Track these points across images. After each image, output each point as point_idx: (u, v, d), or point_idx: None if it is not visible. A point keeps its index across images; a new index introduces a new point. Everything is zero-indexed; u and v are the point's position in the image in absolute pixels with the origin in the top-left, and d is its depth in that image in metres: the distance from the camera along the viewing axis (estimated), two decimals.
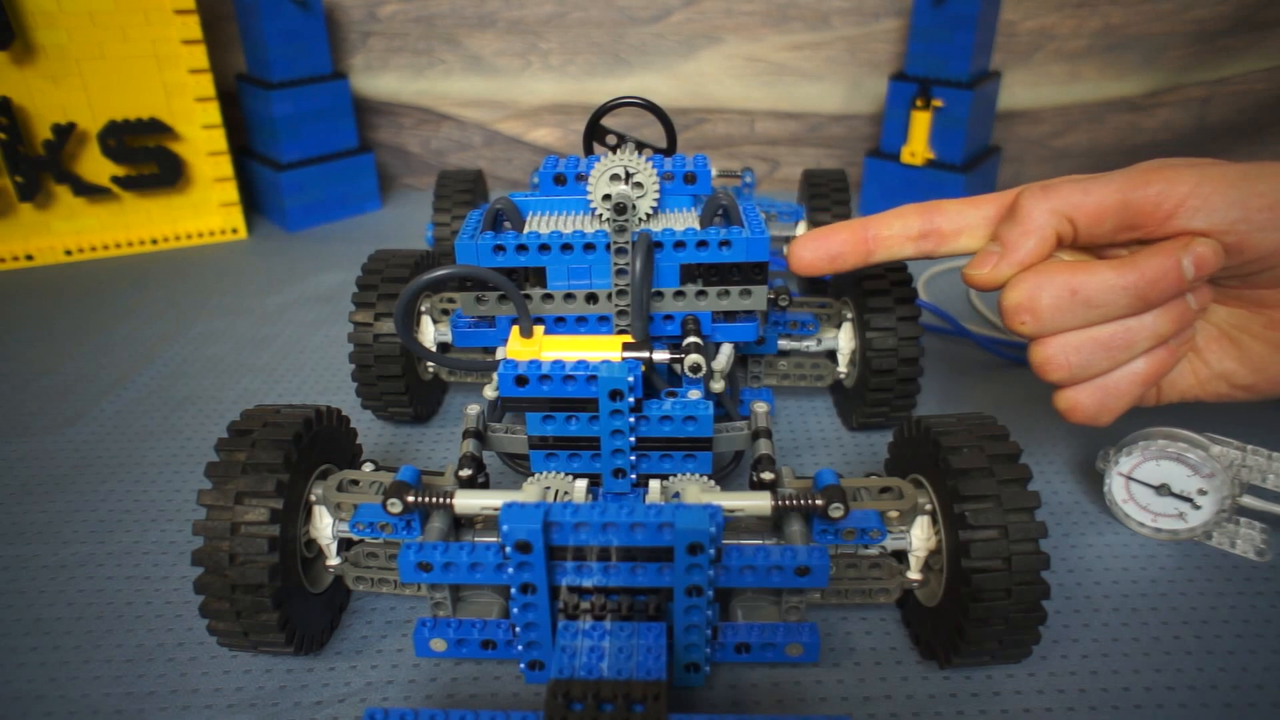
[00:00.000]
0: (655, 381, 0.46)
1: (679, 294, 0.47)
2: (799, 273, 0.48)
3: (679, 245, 0.45)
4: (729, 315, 0.49)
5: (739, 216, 0.48)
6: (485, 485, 0.45)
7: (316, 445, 0.43)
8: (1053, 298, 0.40)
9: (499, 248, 0.45)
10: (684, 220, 0.48)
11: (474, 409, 0.48)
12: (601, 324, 0.47)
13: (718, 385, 0.47)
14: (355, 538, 0.44)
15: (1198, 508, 0.50)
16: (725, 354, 0.48)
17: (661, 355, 0.45)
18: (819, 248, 0.47)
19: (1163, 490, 0.50)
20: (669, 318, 0.48)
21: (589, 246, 0.45)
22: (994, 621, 0.38)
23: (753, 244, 0.45)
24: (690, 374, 0.44)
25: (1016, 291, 0.41)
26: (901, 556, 0.43)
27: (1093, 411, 0.43)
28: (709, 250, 0.45)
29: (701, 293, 0.47)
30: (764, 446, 0.45)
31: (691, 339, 0.45)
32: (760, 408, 0.48)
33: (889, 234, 0.46)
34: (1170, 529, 0.51)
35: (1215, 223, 0.39)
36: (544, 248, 0.45)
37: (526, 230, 0.47)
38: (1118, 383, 0.42)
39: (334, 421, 0.45)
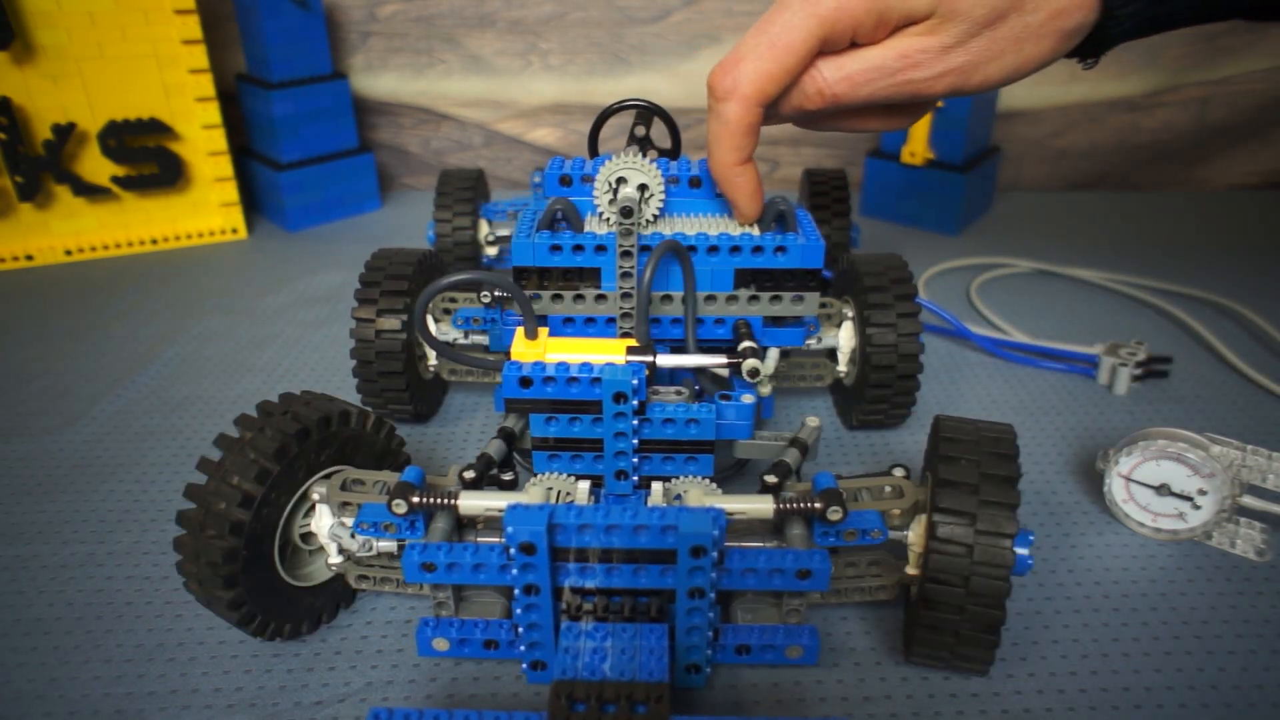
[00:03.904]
0: (706, 385, 0.46)
1: (731, 298, 0.47)
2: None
3: (734, 250, 0.46)
4: (777, 320, 0.49)
5: (794, 223, 0.48)
6: (514, 485, 0.45)
7: (333, 444, 0.43)
8: None
9: (555, 248, 0.45)
10: (706, 224, 0.48)
11: None
12: (654, 326, 0.48)
13: (765, 389, 0.47)
14: (355, 540, 0.44)
15: (1198, 508, 0.50)
16: (773, 359, 0.48)
17: (717, 360, 0.45)
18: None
19: (1163, 490, 0.50)
20: (720, 321, 0.48)
21: (644, 249, 0.45)
22: (945, 631, 0.38)
23: (808, 250, 0.46)
24: (748, 378, 0.44)
25: None
26: (903, 550, 0.43)
27: None
28: (764, 255, 0.46)
29: (754, 297, 0.47)
30: (790, 455, 0.45)
31: (748, 344, 0.45)
32: (812, 421, 0.47)
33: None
34: (1170, 529, 0.51)
35: None
36: (600, 249, 0.45)
37: (585, 231, 0.48)
38: None
39: (366, 426, 0.45)
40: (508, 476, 0.44)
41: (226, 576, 0.39)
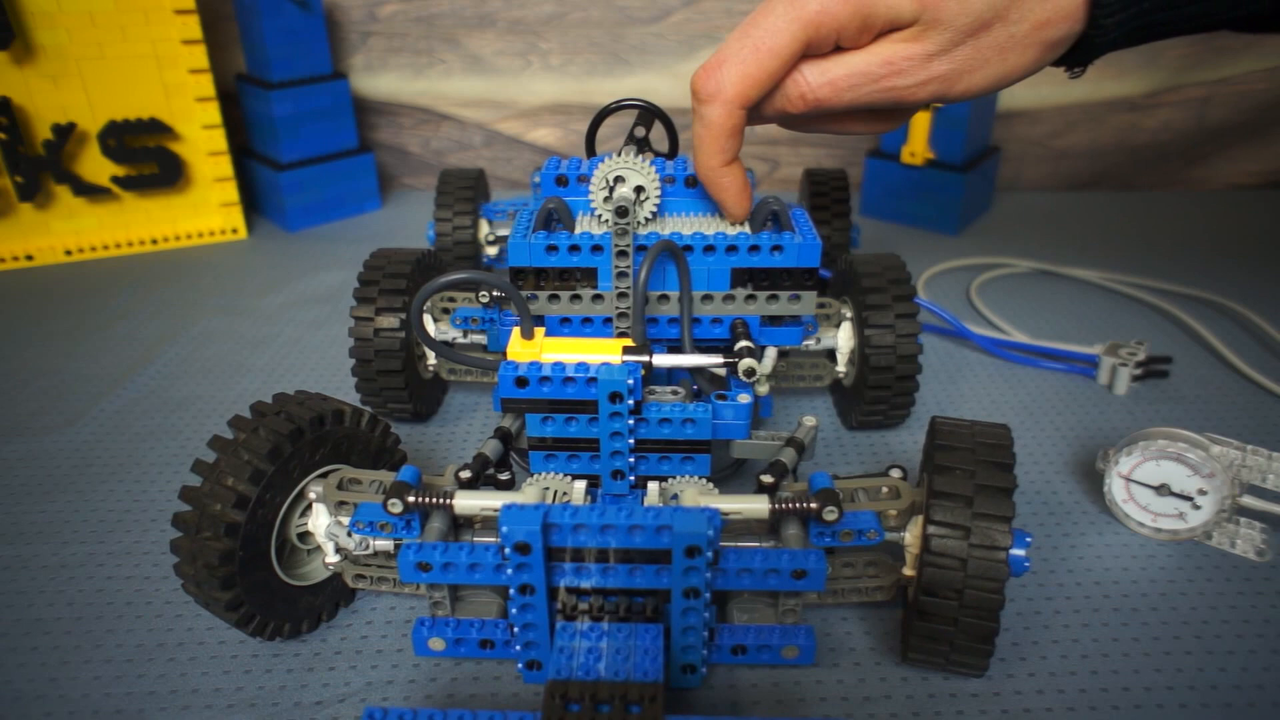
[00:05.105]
0: (702, 385, 0.46)
1: (728, 298, 0.47)
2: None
3: (731, 249, 0.46)
4: (774, 319, 0.49)
5: (789, 222, 0.48)
6: (511, 484, 0.45)
7: (327, 443, 0.43)
8: None
9: (552, 248, 0.45)
10: (702, 224, 0.48)
11: None
12: (651, 325, 0.48)
13: (763, 388, 0.47)
14: (352, 539, 0.44)
15: (1198, 508, 0.50)
16: (770, 358, 0.48)
17: (713, 360, 0.45)
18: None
19: (1163, 490, 0.50)
20: (717, 321, 0.48)
21: (640, 249, 0.45)
22: (940, 640, 0.39)
23: (805, 249, 0.46)
24: (744, 378, 0.44)
25: None
26: (899, 551, 0.43)
27: None
28: (761, 255, 0.46)
29: (751, 297, 0.47)
30: (786, 455, 0.45)
31: (744, 343, 0.45)
32: (809, 421, 0.47)
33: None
34: (1170, 529, 0.51)
35: None
36: (596, 249, 0.45)
37: (578, 231, 0.48)
38: None
39: (361, 425, 0.45)
40: (504, 476, 0.44)
41: (224, 578, 0.39)
